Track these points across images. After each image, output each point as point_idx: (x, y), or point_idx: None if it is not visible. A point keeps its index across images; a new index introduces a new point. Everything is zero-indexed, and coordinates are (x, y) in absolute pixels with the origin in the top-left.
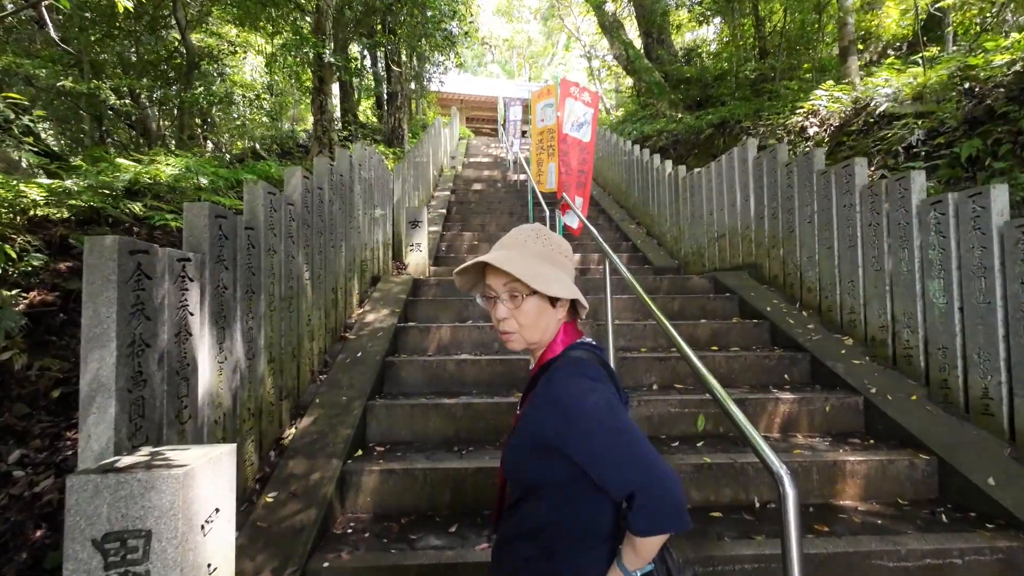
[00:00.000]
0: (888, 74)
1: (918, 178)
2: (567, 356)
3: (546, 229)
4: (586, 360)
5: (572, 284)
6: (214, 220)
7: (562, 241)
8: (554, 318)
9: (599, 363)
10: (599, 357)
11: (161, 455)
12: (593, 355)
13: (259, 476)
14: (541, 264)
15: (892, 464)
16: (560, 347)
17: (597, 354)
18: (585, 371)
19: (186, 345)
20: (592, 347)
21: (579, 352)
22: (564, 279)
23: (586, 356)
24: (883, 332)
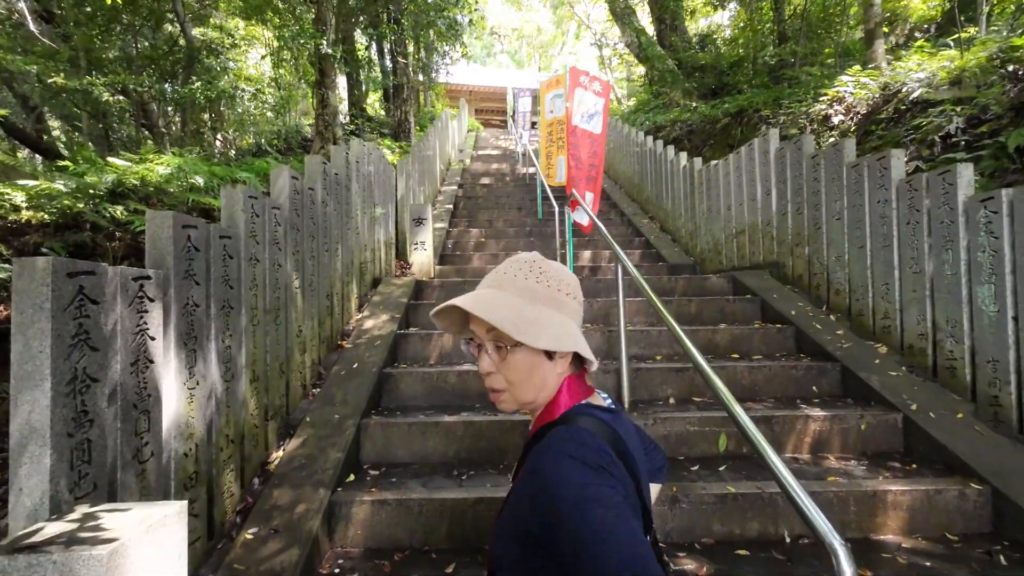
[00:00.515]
0: (920, 57)
1: (965, 172)
2: (566, 424)
3: (544, 260)
4: (588, 433)
5: (575, 330)
6: (181, 231)
7: (564, 274)
8: (552, 373)
9: (607, 436)
10: (608, 426)
11: (94, 520)
12: (601, 424)
13: (240, 507)
14: (533, 306)
15: (940, 494)
16: (561, 409)
17: (606, 421)
18: (583, 452)
19: (146, 374)
20: (601, 412)
21: (584, 419)
22: (563, 324)
23: (591, 426)
24: (922, 340)
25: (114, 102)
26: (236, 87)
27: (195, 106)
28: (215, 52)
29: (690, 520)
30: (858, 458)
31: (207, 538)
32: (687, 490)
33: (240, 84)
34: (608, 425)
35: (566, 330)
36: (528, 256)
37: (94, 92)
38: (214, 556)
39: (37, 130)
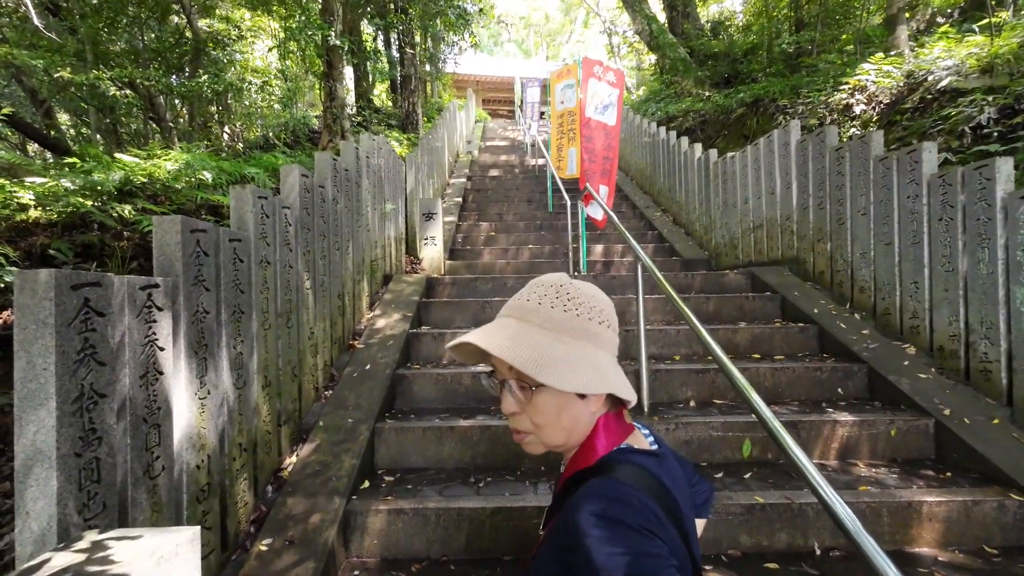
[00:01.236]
0: (946, 44)
1: (1004, 166)
2: (604, 474)
3: (572, 283)
4: (632, 490)
5: (610, 365)
6: (189, 236)
7: (595, 299)
8: (585, 412)
9: (652, 489)
10: (652, 475)
11: (102, 550)
12: (644, 474)
13: (254, 517)
14: (560, 341)
15: (978, 505)
16: (598, 454)
17: (650, 468)
18: (620, 510)
19: (155, 387)
20: (644, 457)
21: (625, 469)
22: (595, 361)
23: (635, 477)
24: (954, 342)
25: (121, 96)
26: (243, 79)
27: (202, 99)
28: (221, 44)
29: (716, 532)
30: (888, 465)
31: (221, 550)
32: (713, 500)
33: (247, 76)
34: (652, 473)
35: (598, 368)
36: (554, 279)
37: (101, 86)
38: (228, 568)
39: (46, 125)
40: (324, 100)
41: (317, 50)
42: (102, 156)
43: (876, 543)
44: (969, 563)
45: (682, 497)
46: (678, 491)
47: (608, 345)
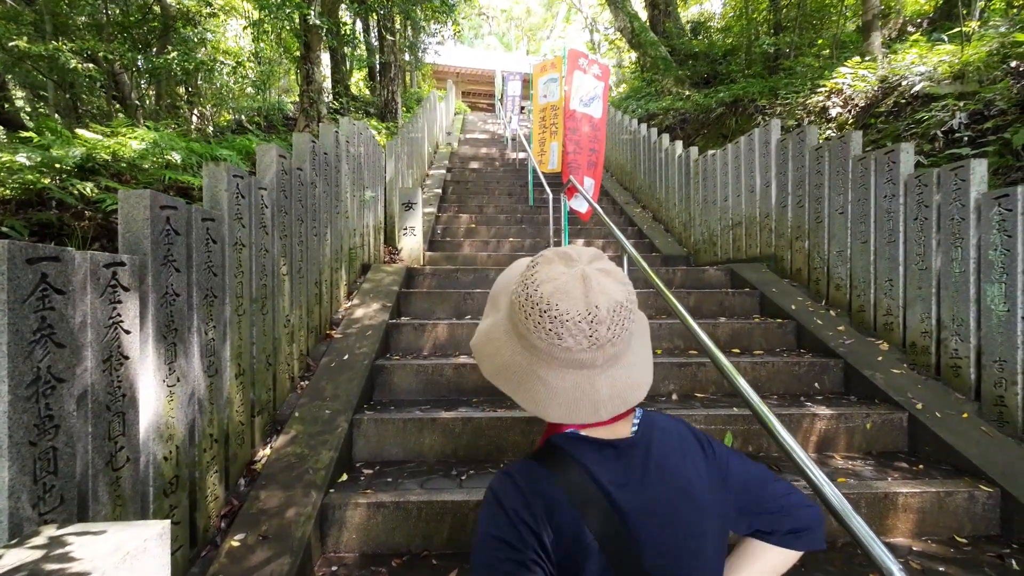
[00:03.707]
0: (919, 51)
1: (978, 168)
2: (537, 452)
3: (538, 274)
4: (524, 469)
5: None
6: (159, 212)
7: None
8: None
9: (562, 474)
10: (575, 461)
11: (61, 546)
12: (566, 458)
13: (225, 511)
14: (508, 341)
15: (950, 496)
16: (547, 435)
17: (577, 456)
18: (503, 487)
19: (120, 372)
20: (584, 443)
21: (551, 452)
22: (503, 350)
23: (550, 460)
24: (926, 338)
25: (83, 70)
26: (214, 59)
27: (171, 78)
28: (192, 22)
29: None
30: (864, 458)
31: (189, 546)
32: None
33: (218, 57)
34: (577, 461)
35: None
36: (518, 266)
37: (61, 59)
38: (197, 565)
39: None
40: (301, 83)
41: (295, 31)
42: (62, 131)
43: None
44: (941, 552)
45: (627, 492)
46: (623, 484)
47: (516, 332)
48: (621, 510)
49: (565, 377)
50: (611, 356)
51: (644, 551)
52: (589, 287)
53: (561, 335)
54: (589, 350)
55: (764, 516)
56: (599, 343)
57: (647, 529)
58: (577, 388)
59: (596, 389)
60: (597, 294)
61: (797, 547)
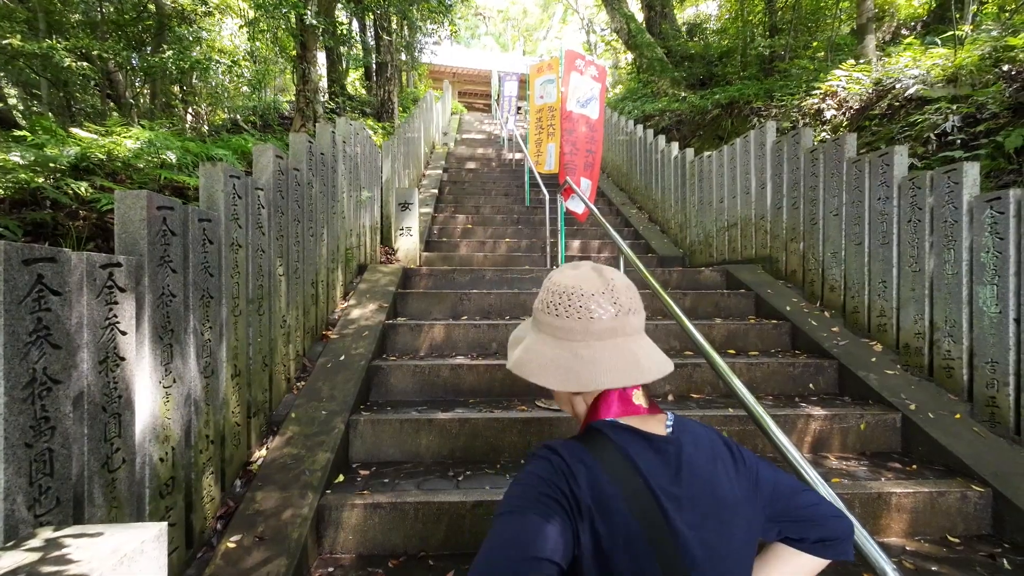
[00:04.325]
0: (912, 54)
1: (971, 171)
2: (579, 435)
3: (554, 278)
4: (568, 446)
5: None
6: (155, 213)
7: (550, 284)
8: (566, 396)
9: (604, 456)
10: (616, 447)
11: (58, 548)
12: (608, 443)
13: (221, 512)
14: (535, 334)
15: (943, 496)
16: (589, 422)
17: (618, 442)
18: (553, 447)
19: (116, 373)
20: (624, 432)
21: (595, 435)
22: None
23: (593, 442)
24: (919, 340)
25: (77, 68)
26: (210, 58)
27: (165, 77)
28: (187, 20)
29: None
30: (858, 458)
31: (185, 548)
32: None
33: (214, 56)
34: (618, 447)
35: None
36: (552, 276)
37: (55, 57)
38: (193, 567)
39: None
40: (297, 83)
41: (291, 30)
42: (56, 130)
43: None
44: (934, 552)
45: (664, 481)
46: (660, 474)
47: (549, 330)
48: (658, 497)
49: (605, 347)
50: (636, 327)
51: (683, 543)
52: (600, 271)
53: (591, 308)
54: (617, 317)
55: (793, 524)
56: (623, 310)
57: (684, 521)
58: (618, 352)
59: (634, 353)
60: (609, 274)
61: (826, 556)
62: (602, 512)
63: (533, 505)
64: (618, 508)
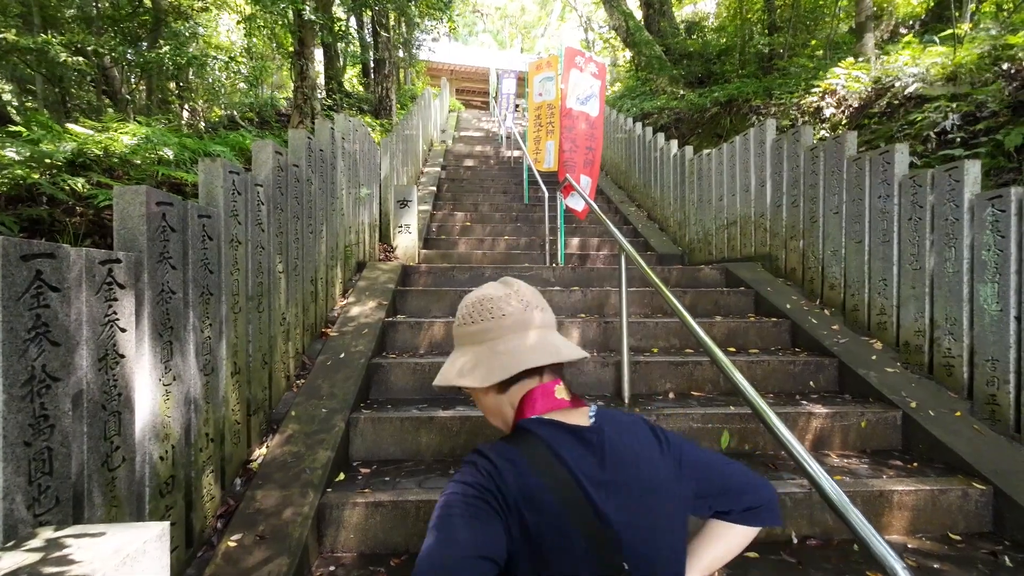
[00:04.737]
0: (912, 52)
1: (972, 169)
2: (508, 436)
3: (465, 298)
4: (497, 449)
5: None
6: (155, 209)
7: (465, 303)
8: (493, 402)
9: (532, 452)
10: (543, 442)
11: (59, 548)
12: (535, 439)
13: (221, 511)
14: (457, 351)
15: (944, 494)
16: (517, 421)
17: (544, 437)
18: (481, 450)
19: (115, 371)
20: (550, 427)
21: (522, 434)
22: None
23: (521, 441)
24: (919, 337)
25: (72, 63)
26: (207, 54)
27: (162, 73)
28: (183, 16)
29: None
30: (859, 456)
31: (185, 547)
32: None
33: (211, 52)
34: (545, 442)
35: (467, 362)
36: None
37: (50, 52)
38: (193, 567)
39: None
40: (295, 80)
41: (289, 26)
42: (52, 125)
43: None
44: (936, 549)
45: (589, 469)
46: (585, 463)
47: (467, 340)
48: (584, 485)
49: (519, 336)
50: (547, 322)
51: (611, 527)
52: (505, 282)
53: (501, 307)
54: (527, 311)
55: (721, 496)
56: (530, 306)
57: (611, 505)
58: (532, 341)
59: (547, 338)
60: (512, 281)
61: (755, 523)
62: (530, 505)
63: (464, 508)
64: (545, 499)
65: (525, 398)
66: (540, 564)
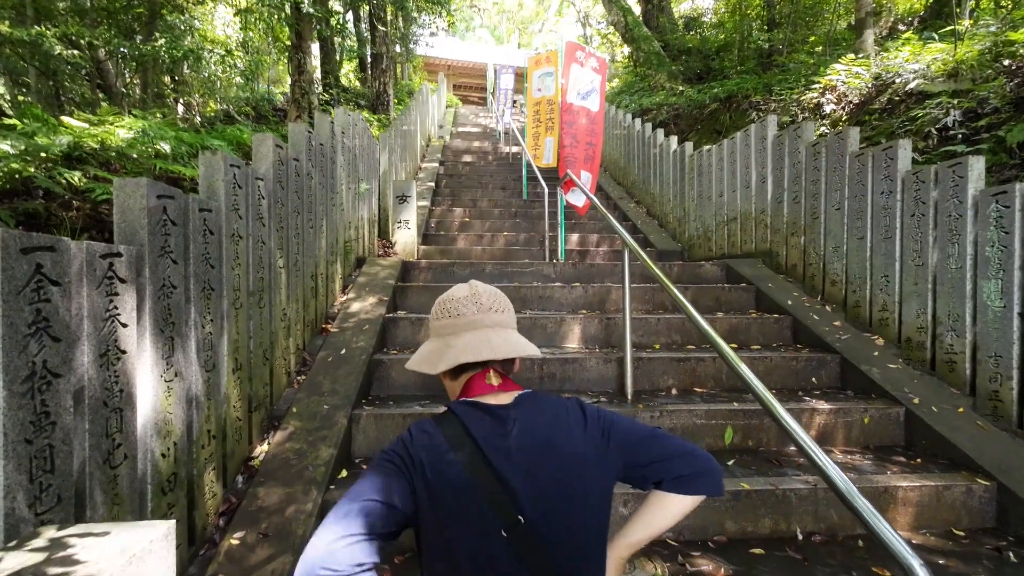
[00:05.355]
0: (912, 49)
1: (976, 164)
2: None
3: (439, 297)
4: (418, 427)
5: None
6: (156, 202)
7: (437, 304)
8: (449, 386)
9: (447, 429)
10: (458, 421)
11: (63, 547)
12: (452, 418)
13: (223, 509)
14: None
15: (948, 490)
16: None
17: (462, 416)
18: (398, 440)
19: (117, 367)
20: (468, 407)
21: (444, 415)
22: (424, 348)
23: (443, 420)
24: (921, 334)
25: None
26: (203, 47)
27: (157, 66)
28: (178, 8)
29: (703, 518)
30: (862, 452)
31: (188, 545)
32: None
33: (207, 45)
34: (460, 421)
35: (424, 353)
36: None
37: (44, 44)
38: (195, 565)
39: None
40: (292, 74)
41: (287, 19)
42: (47, 118)
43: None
44: (940, 545)
45: (494, 439)
46: (491, 434)
47: (434, 333)
48: (485, 452)
49: (467, 336)
50: (496, 322)
51: (510, 489)
52: (471, 285)
53: (459, 309)
54: (478, 314)
55: (652, 466)
56: (483, 308)
57: (511, 470)
58: (475, 337)
59: (489, 337)
60: (476, 286)
61: (689, 491)
62: (434, 466)
63: (376, 468)
64: (449, 460)
65: (466, 383)
66: (444, 518)
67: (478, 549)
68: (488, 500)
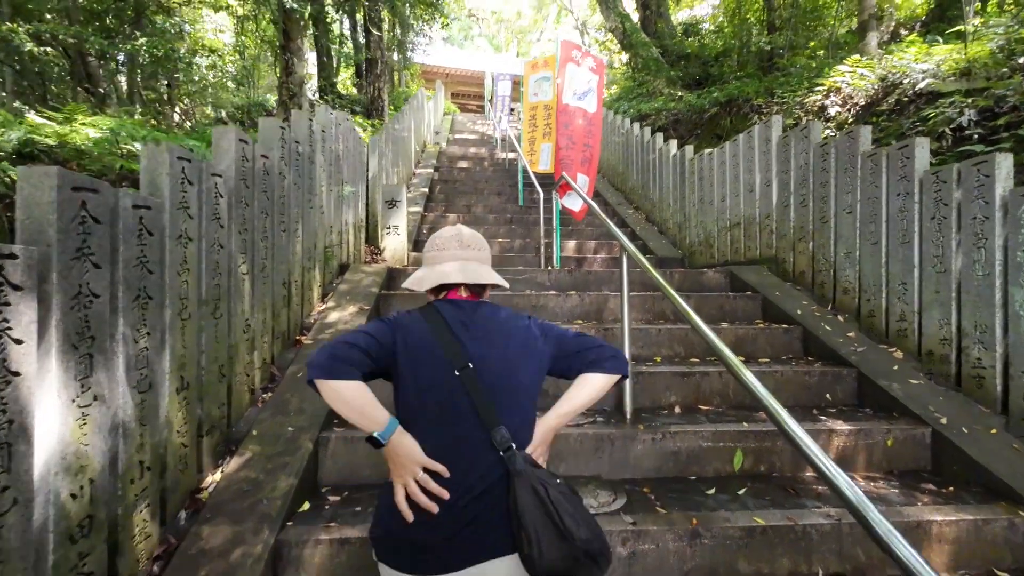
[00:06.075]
0: (919, 49)
1: (1004, 163)
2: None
3: (432, 235)
4: (407, 312)
5: (425, 274)
6: (70, 195)
7: (430, 239)
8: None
9: (422, 310)
10: (433, 308)
11: None
12: (429, 306)
13: (160, 551)
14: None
15: (988, 524)
16: None
17: (437, 305)
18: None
19: (7, 393)
20: (440, 303)
21: (426, 305)
22: (416, 274)
23: (423, 307)
24: (945, 346)
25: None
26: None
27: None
28: (166, 10)
29: (713, 558)
30: (886, 477)
31: None
32: (709, 522)
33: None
34: (435, 307)
35: (416, 275)
36: None
37: (14, 40)
38: None
39: None
40: (280, 74)
41: (273, 16)
42: (2, 114)
43: None
44: None
45: (457, 319)
46: (456, 316)
47: (426, 261)
48: (449, 323)
49: (449, 265)
50: (472, 256)
51: (463, 345)
52: (457, 227)
53: (444, 244)
54: (459, 249)
55: (573, 356)
56: (463, 245)
57: (466, 336)
58: (454, 267)
59: (464, 268)
60: (460, 228)
61: (600, 370)
62: (410, 328)
63: (374, 324)
64: (422, 327)
65: (447, 295)
66: (414, 361)
67: (439, 382)
68: (445, 349)
